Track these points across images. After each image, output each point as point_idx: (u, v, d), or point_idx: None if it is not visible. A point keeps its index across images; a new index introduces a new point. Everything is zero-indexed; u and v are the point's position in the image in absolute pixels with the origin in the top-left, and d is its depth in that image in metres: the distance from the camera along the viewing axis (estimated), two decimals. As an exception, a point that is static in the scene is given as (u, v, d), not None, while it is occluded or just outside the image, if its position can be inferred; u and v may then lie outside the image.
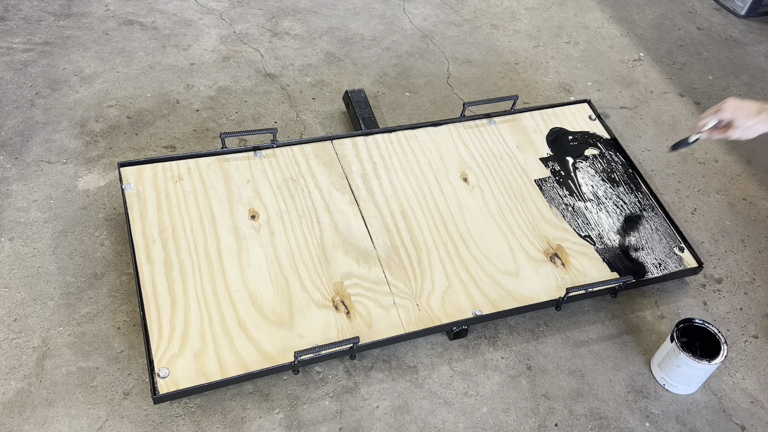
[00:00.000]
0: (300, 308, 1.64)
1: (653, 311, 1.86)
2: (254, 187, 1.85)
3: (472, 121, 2.14)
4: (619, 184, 2.05)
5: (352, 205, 1.86)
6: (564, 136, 2.16)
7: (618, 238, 1.91)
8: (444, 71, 2.54)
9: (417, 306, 1.68)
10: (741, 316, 1.88)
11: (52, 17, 2.53)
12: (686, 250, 1.91)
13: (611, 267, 1.84)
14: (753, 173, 2.31)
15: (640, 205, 2.01)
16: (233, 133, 1.91)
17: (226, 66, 2.43)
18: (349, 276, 1.71)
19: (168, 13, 2.63)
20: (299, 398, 1.58)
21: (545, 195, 1.98)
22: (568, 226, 1.91)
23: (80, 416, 1.51)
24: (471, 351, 1.72)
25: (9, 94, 2.22)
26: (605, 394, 1.67)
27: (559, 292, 1.76)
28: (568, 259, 1.83)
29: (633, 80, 2.62)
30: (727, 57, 2.81)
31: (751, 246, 2.07)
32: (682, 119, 2.48)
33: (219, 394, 1.57)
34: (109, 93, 2.27)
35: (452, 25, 2.78)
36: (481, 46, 2.69)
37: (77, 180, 1.98)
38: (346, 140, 2.01)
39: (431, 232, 1.84)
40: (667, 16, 3.00)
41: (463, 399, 1.62)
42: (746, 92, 2.63)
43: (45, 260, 1.77)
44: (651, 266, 1.86)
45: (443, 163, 2.01)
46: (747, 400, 1.70)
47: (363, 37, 2.66)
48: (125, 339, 1.64)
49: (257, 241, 1.74)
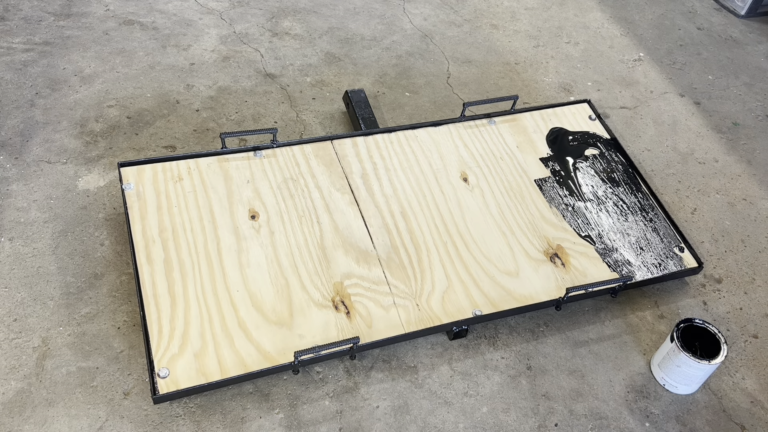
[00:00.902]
0: (300, 308, 1.63)
1: (653, 311, 1.86)
2: (254, 187, 1.85)
3: (472, 121, 2.14)
4: (619, 184, 2.05)
5: (352, 205, 1.86)
6: (564, 136, 2.16)
7: (618, 238, 1.91)
8: (443, 71, 2.54)
9: (417, 306, 1.68)
10: (741, 316, 1.88)
11: (52, 17, 2.53)
12: (686, 250, 1.91)
13: (611, 267, 1.84)
14: (753, 173, 2.31)
15: (640, 205, 2.01)
16: (233, 133, 1.91)
17: (226, 66, 2.43)
18: (349, 276, 1.71)
19: (168, 13, 2.63)
20: (299, 398, 1.58)
21: (545, 195, 1.98)
22: (568, 226, 1.91)
23: (80, 416, 1.51)
24: (471, 351, 1.72)
25: (9, 94, 2.21)
26: (605, 394, 1.67)
27: (559, 292, 1.76)
28: (568, 259, 1.83)
29: (633, 80, 2.62)
30: (727, 57, 2.81)
31: (751, 246, 2.07)
32: (681, 119, 2.48)
33: (219, 394, 1.57)
34: (110, 93, 2.27)
35: (452, 25, 2.77)
36: (481, 46, 2.69)
37: (77, 180, 1.98)
38: (346, 140, 2.01)
39: (431, 232, 1.84)
40: (667, 16, 3.00)
41: (463, 399, 1.62)
42: (746, 92, 2.63)
43: (45, 260, 1.77)
44: (651, 266, 1.86)
45: (443, 163, 2.01)
46: (747, 400, 1.70)
47: (363, 37, 2.65)
48: (125, 339, 1.64)
49: (257, 241, 1.74)
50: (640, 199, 2.02)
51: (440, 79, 2.51)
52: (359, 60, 2.54)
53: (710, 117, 2.51)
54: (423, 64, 2.56)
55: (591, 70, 2.65)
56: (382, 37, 2.67)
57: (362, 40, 2.64)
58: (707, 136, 2.42)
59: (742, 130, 2.47)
